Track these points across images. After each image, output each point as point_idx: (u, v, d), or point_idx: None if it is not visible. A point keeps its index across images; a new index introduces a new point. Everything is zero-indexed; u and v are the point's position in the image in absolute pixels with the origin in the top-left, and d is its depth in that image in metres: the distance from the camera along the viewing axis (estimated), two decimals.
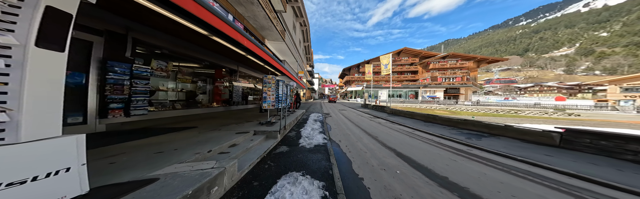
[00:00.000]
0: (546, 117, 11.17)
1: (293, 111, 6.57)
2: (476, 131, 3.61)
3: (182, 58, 3.63)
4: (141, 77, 2.38)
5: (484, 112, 13.90)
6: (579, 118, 10.84)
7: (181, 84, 3.80)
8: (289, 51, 9.35)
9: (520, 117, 10.71)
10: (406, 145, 2.86)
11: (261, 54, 2.82)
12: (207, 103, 4.48)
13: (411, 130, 4.07)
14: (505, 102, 15.85)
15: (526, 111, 13.88)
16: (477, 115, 11.49)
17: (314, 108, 10.95)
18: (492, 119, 9.28)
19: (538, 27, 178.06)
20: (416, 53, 27.90)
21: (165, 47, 3.01)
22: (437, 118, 4.96)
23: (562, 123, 8.69)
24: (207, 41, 2.84)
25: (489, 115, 11.72)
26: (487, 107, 15.74)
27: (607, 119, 10.47)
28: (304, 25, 14.73)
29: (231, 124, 3.30)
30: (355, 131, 4.16)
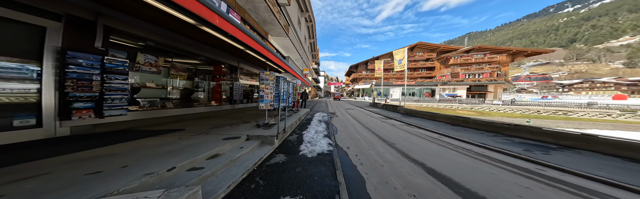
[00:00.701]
0: (617, 120, 8.82)
1: (296, 111, 6.14)
2: (534, 141, 2.69)
3: (175, 53, 3.23)
4: (117, 71, 2.00)
5: (521, 113, 11.75)
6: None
7: (175, 81, 3.51)
8: (293, 47, 8.91)
9: (577, 120, 8.62)
10: (437, 156, 2.18)
11: (260, 49, 2.40)
12: (206, 101, 4.26)
13: (437, 136, 3.30)
14: (546, 101, 13.11)
15: (580, 112, 11.25)
16: (512, 117, 9.70)
17: (319, 107, 10.42)
18: (539, 122, 7.58)
19: (590, 14, 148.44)
20: (433, 48, 25.23)
21: (150, 39, 2.59)
22: (469, 120, 4.02)
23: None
24: (198, 33, 2.48)
25: (531, 116, 9.77)
26: (525, 107, 13.03)
27: None
28: (310, 21, 14.12)
29: (225, 126, 2.97)
30: (365, 134, 3.55)
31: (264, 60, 3.05)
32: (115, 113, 2.03)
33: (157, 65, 2.92)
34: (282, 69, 4.45)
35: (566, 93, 50.97)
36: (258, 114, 4.60)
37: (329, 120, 5.45)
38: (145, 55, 2.75)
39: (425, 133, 3.61)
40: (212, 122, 3.21)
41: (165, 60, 3.13)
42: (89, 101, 1.84)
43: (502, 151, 2.25)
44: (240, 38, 1.97)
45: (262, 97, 2.74)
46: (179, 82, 3.63)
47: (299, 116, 4.96)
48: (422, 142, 2.87)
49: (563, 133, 2.46)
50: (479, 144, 2.60)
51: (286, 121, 3.78)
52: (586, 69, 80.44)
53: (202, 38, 2.91)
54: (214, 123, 3.11)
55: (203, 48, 3.43)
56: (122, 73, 2.07)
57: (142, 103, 2.83)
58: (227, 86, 4.94)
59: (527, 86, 59.93)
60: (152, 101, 3.03)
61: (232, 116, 4.02)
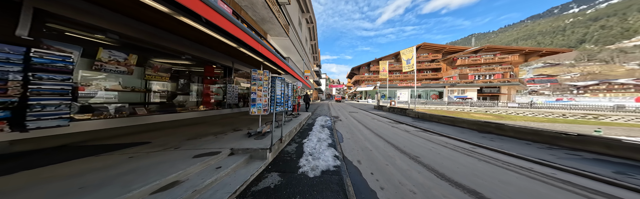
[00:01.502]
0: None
1: (297, 115, 5.61)
2: (615, 157, 1.97)
3: (153, 50, 2.65)
4: (53, 69, 1.43)
5: (542, 117, 10.69)
6: None
7: (153, 83, 2.99)
8: (293, 48, 8.65)
9: (617, 125, 7.53)
10: (489, 179, 1.54)
11: (256, 46, 1.99)
12: (193, 106, 3.74)
13: (469, 147, 2.66)
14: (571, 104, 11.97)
15: (612, 116, 10.04)
16: (539, 121, 8.74)
17: (322, 110, 9.86)
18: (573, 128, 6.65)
19: (598, 14, 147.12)
20: (438, 49, 24.78)
21: (112, 30, 2.03)
22: (504, 127, 3.34)
23: None
24: (178, 25, 2.11)
25: (558, 121, 8.76)
26: (547, 111, 11.73)
27: None
28: (311, 22, 14.14)
29: (208, 135, 2.47)
30: (377, 143, 2.97)
31: (261, 59, 2.63)
32: (49, 124, 1.42)
33: (128, 63, 2.45)
34: (282, 70, 4.02)
35: (581, 95, 48.57)
36: (254, 119, 4.11)
37: (332, 125, 4.87)
38: (111, 51, 2.27)
39: (451, 142, 2.96)
40: (195, 131, 2.71)
41: (141, 58, 2.65)
42: (1, 109, 1.25)
43: (586, 174, 1.57)
44: (232, 33, 1.57)
45: (254, 101, 2.24)
46: (158, 84, 3.09)
47: (299, 122, 4.42)
48: (455, 155, 2.24)
49: None
50: (540, 161, 1.93)
51: (284, 128, 3.25)
52: (599, 70, 78.26)
53: (186, 33, 2.54)
54: (195, 133, 2.60)
55: (188, 45, 2.99)
56: (61, 71, 1.48)
57: (102, 110, 2.28)
58: (220, 89, 4.45)
59: (539, 88, 57.68)
60: (119, 107, 2.49)
61: (223, 123, 3.52)
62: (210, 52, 3.52)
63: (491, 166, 1.87)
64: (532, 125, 4.39)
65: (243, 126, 3.19)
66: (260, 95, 2.29)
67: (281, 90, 2.82)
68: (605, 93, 47.12)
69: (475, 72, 20.49)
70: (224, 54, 3.82)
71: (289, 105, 3.59)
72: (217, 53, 3.68)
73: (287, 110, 3.60)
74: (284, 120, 4.19)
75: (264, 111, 2.32)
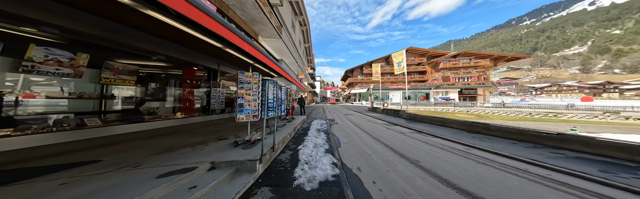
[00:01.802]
0: (611, 122, 9.01)
1: (291, 120, 5.34)
2: (595, 155, 2.11)
3: (109, 48, 2.14)
4: None
5: (514, 116, 11.99)
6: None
7: (113, 88, 2.39)
8: (287, 50, 8.51)
9: (572, 122, 8.71)
10: (494, 184, 1.51)
11: (245, 47, 1.80)
12: (168, 113, 3.12)
13: (463, 148, 2.70)
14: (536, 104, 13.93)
15: (568, 114, 11.69)
16: (513, 120, 9.70)
17: (317, 113, 9.66)
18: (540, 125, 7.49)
19: (544, 26, 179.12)
20: (423, 53, 26.87)
21: (46, 22, 1.56)
22: (491, 127, 3.50)
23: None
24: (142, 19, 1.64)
25: (527, 119, 9.87)
26: (516, 110, 13.40)
27: None
28: (304, 25, 14.29)
29: (185, 147, 2.10)
30: (375, 147, 2.86)
31: (251, 61, 2.40)
32: None
33: (76, 64, 1.89)
34: (275, 73, 3.78)
35: (539, 95, 56.87)
36: (243, 126, 3.70)
37: (328, 129, 4.70)
38: (48, 49, 1.73)
39: (446, 143, 3.00)
40: (168, 142, 2.28)
41: (95, 58, 2.04)
42: None
43: (579, 174, 1.60)
44: (215, 30, 1.37)
45: (241, 106, 1.99)
46: (120, 88, 2.46)
47: (293, 126, 4.17)
48: (453, 158, 2.23)
49: None
50: (532, 161, 1.98)
51: (277, 134, 2.99)
52: (550, 74, 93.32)
53: (157, 30, 2.09)
54: (167, 144, 2.19)
55: (160, 44, 2.52)
56: None
57: (32, 123, 1.69)
58: (204, 93, 3.96)
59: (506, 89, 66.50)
60: (61, 118, 1.91)
61: (206, 131, 3.08)
62: (189, 53, 3.06)
63: (491, 169, 1.86)
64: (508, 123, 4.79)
65: (230, 135, 2.83)
66: (248, 99, 2.05)
67: (274, 94, 2.61)
68: (557, 94, 55.74)
69: (455, 75, 22.46)
70: (207, 55, 3.33)
71: (282, 110, 3.36)
72: (199, 54, 3.22)
73: (281, 115, 3.35)
74: (277, 125, 3.92)
75: (253, 117, 2.07)
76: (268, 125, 3.61)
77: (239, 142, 2.19)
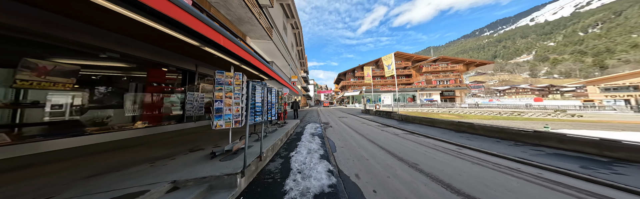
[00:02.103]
0: (565, 120, 10.41)
1: (283, 124, 5.00)
2: (570, 151, 2.25)
3: (30, 42, 1.60)
4: None
5: (487, 115, 13.41)
6: (597, 120, 9.94)
7: (33, 93, 1.70)
8: (278, 52, 8.32)
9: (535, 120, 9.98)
10: (497, 188, 1.47)
11: (230, 46, 1.57)
12: (126, 122, 2.50)
13: (456, 148, 2.74)
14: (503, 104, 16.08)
15: (528, 113, 13.51)
16: (487, 118, 10.76)
17: (311, 117, 9.36)
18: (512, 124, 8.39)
19: (500, 37, 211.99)
20: (408, 57, 29.17)
21: None
22: (475, 126, 3.69)
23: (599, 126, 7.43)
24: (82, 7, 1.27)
25: (499, 118, 11.08)
26: (488, 109, 15.13)
27: (630, 121, 9.69)
28: (296, 28, 14.43)
29: (137, 165, 1.63)
30: (372, 150, 2.74)
31: (237, 62, 2.13)
32: None
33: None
34: (266, 75, 3.49)
35: (502, 97, 66.13)
36: (227, 133, 3.24)
37: (323, 133, 4.49)
38: None
39: (439, 144, 3.03)
40: (118, 159, 1.78)
41: (7, 54, 1.49)
42: None
43: (567, 172, 1.64)
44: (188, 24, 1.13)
45: (219, 111, 1.70)
46: (46, 94, 1.78)
47: (286, 131, 3.86)
48: (449, 159, 2.20)
49: (607, 143, 1.97)
50: (522, 160, 2.02)
51: (266, 141, 2.68)
52: (508, 78, 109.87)
53: (106, 21, 1.60)
54: (116, 162, 1.69)
55: (114, 39, 2.02)
56: None
57: None
58: (176, 98, 3.33)
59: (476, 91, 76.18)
60: None
61: (177, 142, 2.56)
62: (156, 51, 2.54)
63: (487, 170, 1.84)
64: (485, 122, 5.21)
65: (207, 145, 2.42)
66: (229, 103, 1.77)
67: (262, 97, 2.36)
68: (515, 95, 65.48)
69: (436, 78, 24.69)
70: (181, 55, 2.80)
71: (273, 114, 3.07)
72: (170, 53, 2.68)
73: (271, 119, 3.06)
74: (268, 131, 3.57)
75: (236, 123, 1.79)
76: (256, 131, 3.26)
77: (217, 153, 1.85)
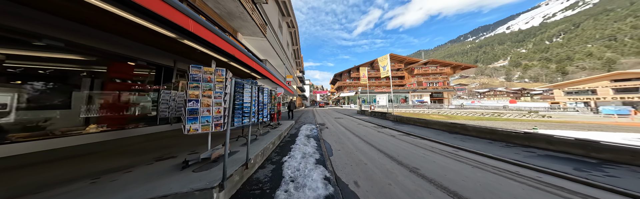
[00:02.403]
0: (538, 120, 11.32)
1: (276, 126, 4.69)
2: (559, 152, 2.26)
3: None
4: None
5: (472, 116, 14.25)
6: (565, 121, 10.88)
7: None
8: (273, 51, 8.00)
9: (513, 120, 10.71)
10: (509, 197, 1.36)
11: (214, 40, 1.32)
12: (75, 126, 1.96)
13: (452, 150, 2.69)
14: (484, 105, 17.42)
15: (507, 114, 14.59)
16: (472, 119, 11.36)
17: (306, 118, 9.10)
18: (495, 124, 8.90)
19: (481, 43, 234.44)
20: (401, 59, 30.22)
21: None
22: (468, 128, 3.73)
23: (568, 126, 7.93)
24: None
25: (483, 119, 11.77)
26: (472, 111, 16.15)
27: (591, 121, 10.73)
28: (292, 27, 14.18)
29: (75, 182, 1.25)
30: (370, 153, 2.59)
31: (224, 59, 1.83)
32: None
33: None
34: (258, 74, 3.17)
35: (482, 98, 72.27)
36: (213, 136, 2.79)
37: (319, 134, 4.27)
38: None
39: (436, 146, 2.97)
40: (49, 172, 1.40)
41: None
42: None
43: (566, 176, 1.59)
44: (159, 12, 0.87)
45: (194, 112, 1.40)
46: None
47: (279, 133, 3.57)
48: (449, 163, 2.12)
49: (593, 144, 1.99)
50: (519, 163, 1.98)
51: (256, 145, 2.39)
52: (487, 82, 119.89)
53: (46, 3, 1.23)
54: (43, 178, 1.29)
55: (56, 24, 1.56)
56: None
57: None
58: (148, 98, 2.79)
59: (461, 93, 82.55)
60: None
61: (145, 149, 2.12)
62: (121, 43, 2.10)
63: (489, 174, 1.76)
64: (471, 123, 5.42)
65: (182, 151, 2.06)
66: (207, 103, 1.48)
67: (252, 97, 2.08)
68: (493, 97, 71.87)
69: (427, 80, 25.80)
70: (155, 48, 2.39)
71: (264, 115, 2.79)
72: (140, 46, 2.26)
73: (263, 121, 2.77)
74: (259, 133, 3.26)
75: (216, 127, 1.50)
76: (244, 134, 2.94)
77: (191, 162, 1.54)
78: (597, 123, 9.84)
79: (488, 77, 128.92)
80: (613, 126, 8.40)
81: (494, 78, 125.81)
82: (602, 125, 9.14)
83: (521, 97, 67.82)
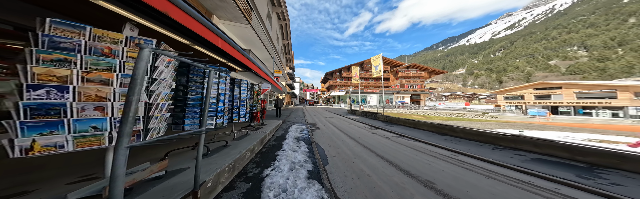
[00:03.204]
0: (489, 120, 13.28)
1: (258, 127, 3.91)
2: (547, 156, 2.24)
3: None
4: None
5: (444, 116, 16.12)
6: (509, 121, 12.81)
7: None
8: (258, 41, 6.94)
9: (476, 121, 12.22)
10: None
11: None
12: None
13: (451, 154, 2.53)
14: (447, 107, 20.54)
15: (467, 114, 17.31)
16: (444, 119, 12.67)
17: (296, 117, 8.35)
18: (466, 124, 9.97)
19: (448, 52, 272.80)
20: (387, 62, 32.04)
21: None
22: (456, 129, 3.73)
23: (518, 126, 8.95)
24: None
25: (452, 119, 13.31)
26: (442, 111, 18.53)
27: (527, 121, 13.24)
28: (283, 19, 13.00)
29: None
30: (371, 161, 2.18)
31: (172, 35, 0.99)
32: None
33: None
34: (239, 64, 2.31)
35: (447, 101, 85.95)
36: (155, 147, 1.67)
37: (310, 136, 3.71)
38: None
39: (434, 149, 2.79)
40: None
41: None
42: None
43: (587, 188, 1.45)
44: None
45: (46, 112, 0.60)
46: None
47: (261, 137, 2.84)
48: (459, 172, 1.86)
49: (579, 147, 1.99)
50: (528, 171, 1.83)
51: (221, 157, 1.67)
52: (450, 87, 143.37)
53: None
54: None
55: None
56: None
57: None
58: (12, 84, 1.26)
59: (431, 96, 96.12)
60: None
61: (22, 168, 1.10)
62: None
63: (511, 188, 1.52)
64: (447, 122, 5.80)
65: (55, 181, 1.09)
66: (91, 95, 0.69)
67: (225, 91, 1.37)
68: (454, 100, 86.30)
69: (408, 83, 28.24)
70: None
71: (241, 114, 2.06)
72: None
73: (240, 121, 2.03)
74: (233, 137, 2.49)
75: (133, 138, 0.76)
76: (213, 138, 2.15)
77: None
78: (530, 123, 12.27)
79: (450, 82, 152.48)
80: (541, 125, 10.51)
81: (454, 83, 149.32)
82: (534, 124, 11.39)
83: (473, 100, 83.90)
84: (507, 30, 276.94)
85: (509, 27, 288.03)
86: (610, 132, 7.75)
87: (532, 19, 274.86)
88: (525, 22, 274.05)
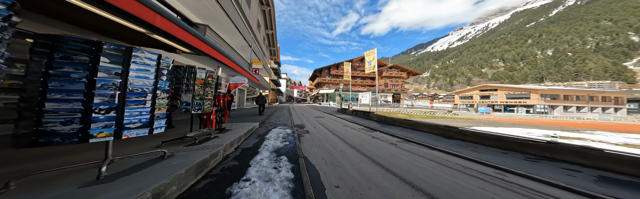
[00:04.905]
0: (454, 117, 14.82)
1: (210, 138, 2.40)
2: (610, 172, 1.60)
3: None
4: None
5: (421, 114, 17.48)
6: (470, 118, 13.63)
7: None
8: (226, 18, 5.09)
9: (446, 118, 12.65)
10: None
11: None
12: None
13: (493, 172, 1.79)
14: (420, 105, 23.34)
15: (436, 112, 19.37)
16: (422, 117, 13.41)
17: (280, 116, 6.90)
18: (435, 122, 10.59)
19: (418, 57, 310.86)
20: None
21: None
22: (466, 133, 3.08)
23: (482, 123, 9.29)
24: None
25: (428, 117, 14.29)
26: (418, 110, 20.18)
27: (484, 118, 15.30)
28: (267, 5, 10.83)
29: None
30: (398, 195, 1.13)
31: None
32: None
33: None
34: (177, 41, 0.97)
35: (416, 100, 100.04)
36: None
37: (297, 147, 2.48)
38: None
39: (468, 165, 1.96)
40: None
41: None
42: None
43: None
44: None
45: None
46: None
47: (212, 152, 1.41)
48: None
49: None
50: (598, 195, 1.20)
51: None
52: (418, 88, 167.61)
53: None
54: None
55: None
56: None
57: None
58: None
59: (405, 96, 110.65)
60: None
61: None
62: None
63: None
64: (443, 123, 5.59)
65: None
66: None
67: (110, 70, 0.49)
68: (421, 100, 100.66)
69: (391, 82, 30.06)
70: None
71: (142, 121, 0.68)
72: None
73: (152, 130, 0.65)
74: (102, 171, 0.93)
75: None
76: None
77: None
78: (483, 119, 14.27)
79: (419, 84, 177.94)
80: (493, 121, 12.15)
81: (421, 85, 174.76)
82: (487, 120, 13.24)
83: (435, 99, 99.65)
84: (458, 42, 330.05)
85: (460, 39, 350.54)
86: (555, 128, 8.21)
87: (474, 33, 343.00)
88: (470, 35, 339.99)
